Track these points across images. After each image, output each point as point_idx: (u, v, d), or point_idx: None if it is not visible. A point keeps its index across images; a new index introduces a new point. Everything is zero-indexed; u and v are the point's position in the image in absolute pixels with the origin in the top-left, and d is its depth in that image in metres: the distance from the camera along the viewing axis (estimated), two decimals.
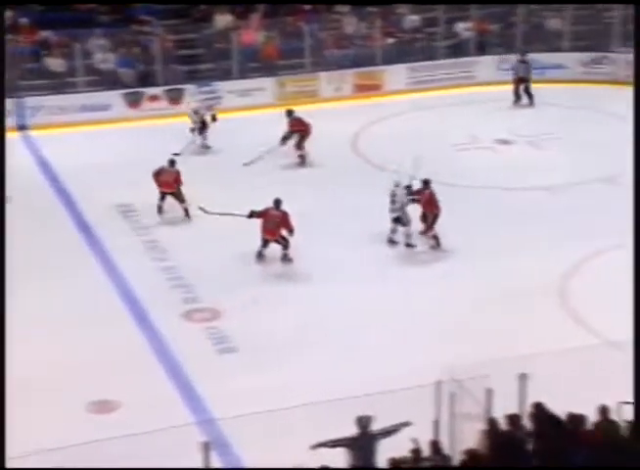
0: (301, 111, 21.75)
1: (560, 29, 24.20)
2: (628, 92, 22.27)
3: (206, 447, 8.52)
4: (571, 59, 23.78)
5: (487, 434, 9.19)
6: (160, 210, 17.04)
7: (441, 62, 23.89)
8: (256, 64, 23.42)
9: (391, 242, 15.90)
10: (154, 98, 22.28)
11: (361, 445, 9.49)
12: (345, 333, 13.51)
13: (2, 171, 12.96)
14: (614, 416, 9.42)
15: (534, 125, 20.90)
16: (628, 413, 9.31)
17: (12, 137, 19.45)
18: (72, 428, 11.00)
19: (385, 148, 20.20)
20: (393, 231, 15.86)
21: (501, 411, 9.45)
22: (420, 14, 24.46)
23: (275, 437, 9.92)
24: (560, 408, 9.49)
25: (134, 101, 22.18)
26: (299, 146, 19.37)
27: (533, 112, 21.96)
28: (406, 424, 9.50)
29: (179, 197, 16.93)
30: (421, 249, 15.85)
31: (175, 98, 22.31)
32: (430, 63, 23.77)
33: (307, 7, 24.19)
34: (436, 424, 9.66)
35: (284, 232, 15.29)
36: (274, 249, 15.58)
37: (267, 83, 22.91)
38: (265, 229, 15.28)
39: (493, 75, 23.85)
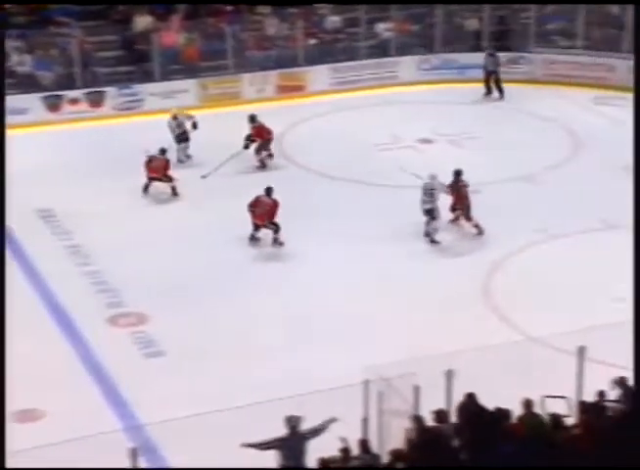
0: (225, 112, 21.75)
1: (478, 29, 24.53)
2: (545, 91, 22.84)
3: (134, 453, 8.46)
4: (490, 58, 24.09)
5: (414, 431, 9.28)
6: (145, 189, 17.85)
7: (363, 62, 24.00)
8: (178, 65, 23.26)
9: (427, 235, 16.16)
10: (74, 101, 21.96)
11: (290, 445, 9.52)
12: (272, 335, 13.53)
13: (2, 171, 12.81)
14: (537, 410, 9.59)
15: (456, 124, 21.15)
16: (551, 406, 9.48)
17: None
18: None
19: (309, 148, 20.27)
20: (429, 224, 16.17)
21: (429, 408, 9.56)
22: (341, 14, 24.58)
23: (203, 440, 9.88)
24: (485, 403, 9.64)
25: (54, 104, 21.83)
26: (259, 151, 19.21)
27: (454, 111, 22.20)
28: (333, 420, 9.55)
29: (167, 179, 17.90)
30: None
31: (96, 101, 22.03)
32: (352, 63, 23.86)
33: (229, 8, 24.10)
34: (365, 423, 9.73)
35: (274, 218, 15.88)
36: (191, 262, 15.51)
37: (190, 85, 22.77)
38: (255, 215, 15.90)
39: (415, 75, 24.07)
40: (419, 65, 24.21)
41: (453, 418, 9.57)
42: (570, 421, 9.43)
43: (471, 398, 9.60)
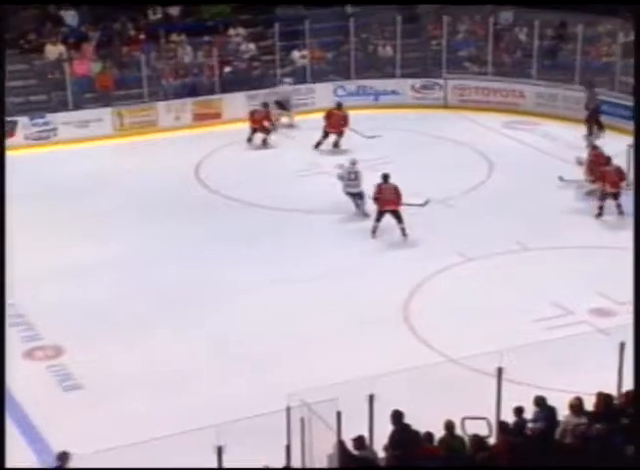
0: (141, 141, 21.59)
1: (392, 57, 24.88)
2: (458, 116, 23.23)
3: None
4: (403, 85, 24.47)
5: (337, 456, 9.27)
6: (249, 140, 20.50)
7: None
8: (92, 94, 23.04)
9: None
10: None
11: None
12: (193, 363, 13.40)
13: (2, 171, 12.46)
14: (458, 431, 9.66)
15: (372, 150, 21.33)
16: (472, 428, 9.56)
17: None
18: None
19: (226, 176, 20.23)
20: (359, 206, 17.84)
21: (351, 433, 9.56)
22: (255, 42, 24.68)
23: None
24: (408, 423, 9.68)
25: None
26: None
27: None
28: None
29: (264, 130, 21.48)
30: None
31: (8, 131, 21.65)
32: (268, 90, 23.96)
33: (142, 36, 24.01)
34: (288, 449, 9.68)
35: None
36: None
37: (104, 114, 22.56)
38: (384, 202, 17.04)
39: (330, 102, 24.23)
40: (334, 91, 24.42)
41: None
42: (490, 441, 9.51)
43: (396, 414, 9.63)
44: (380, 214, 17.28)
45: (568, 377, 11.97)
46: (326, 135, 21.47)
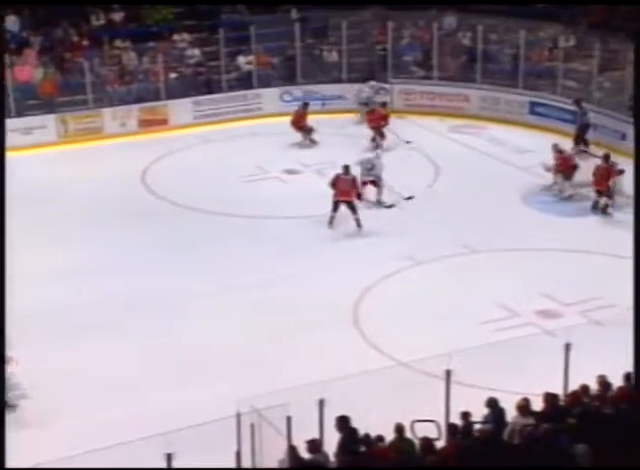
0: (86, 148, 21.40)
1: (338, 62, 24.95)
2: (404, 120, 23.35)
3: None
4: (349, 90, 24.55)
5: (288, 461, 9.27)
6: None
7: (226, 95, 24.09)
8: (35, 101, 22.77)
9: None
10: None
11: None
12: (142, 371, 13.31)
13: (2, 172, 12.23)
14: (408, 434, 9.71)
15: (319, 155, 21.40)
16: (422, 430, 9.61)
17: None
18: None
19: (174, 182, 20.13)
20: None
21: (302, 438, 9.56)
22: (200, 48, 24.61)
23: None
24: (361, 429, 9.70)
25: None
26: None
27: (318, 141, 22.44)
28: None
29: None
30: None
31: None
32: (214, 96, 23.91)
33: (85, 42, 23.81)
34: (238, 455, 9.65)
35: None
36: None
37: (48, 121, 22.32)
38: (339, 192, 17.51)
39: (278, 107, 24.28)
40: (281, 96, 24.44)
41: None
42: (439, 444, 9.57)
43: (343, 420, 9.65)
44: (335, 205, 17.57)
45: (515, 378, 12.09)
46: (381, 135, 21.94)
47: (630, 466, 7.74)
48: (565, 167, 19.12)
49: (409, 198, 18.83)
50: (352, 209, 17.62)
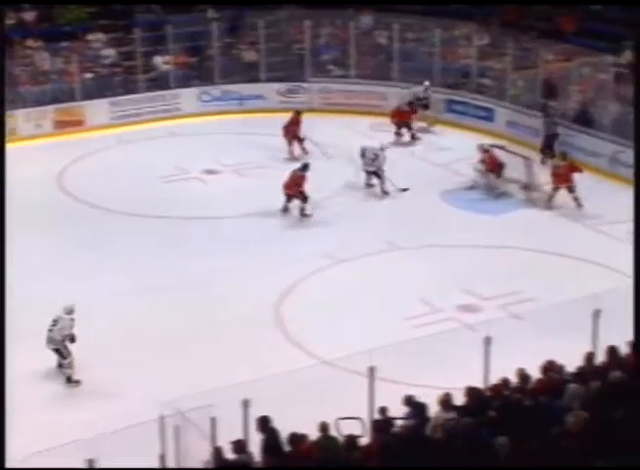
0: None
1: (256, 61, 24.90)
2: (324, 119, 23.40)
3: None
4: (268, 89, 24.54)
5: (213, 463, 9.22)
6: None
7: (143, 95, 23.86)
8: None
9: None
10: None
11: None
12: (61, 378, 13.11)
13: (2, 172, 11.79)
14: (333, 432, 9.74)
15: (239, 155, 21.33)
16: (346, 428, 9.65)
17: None
18: None
19: (91, 184, 19.86)
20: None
21: (228, 439, 9.51)
22: (116, 48, 24.32)
23: None
24: (284, 429, 9.70)
25: None
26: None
27: (237, 141, 22.36)
28: None
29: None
30: None
31: None
32: (131, 96, 23.65)
33: None
34: (162, 459, 9.57)
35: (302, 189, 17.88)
36: None
37: None
38: (284, 185, 17.93)
39: (196, 107, 24.14)
40: (199, 96, 24.30)
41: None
42: (364, 441, 9.62)
43: (263, 421, 9.64)
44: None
45: (438, 373, 12.24)
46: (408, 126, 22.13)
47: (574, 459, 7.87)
48: (493, 166, 19.35)
49: (404, 190, 19.11)
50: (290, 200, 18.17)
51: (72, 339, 13.07)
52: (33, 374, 13.14)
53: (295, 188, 18.12)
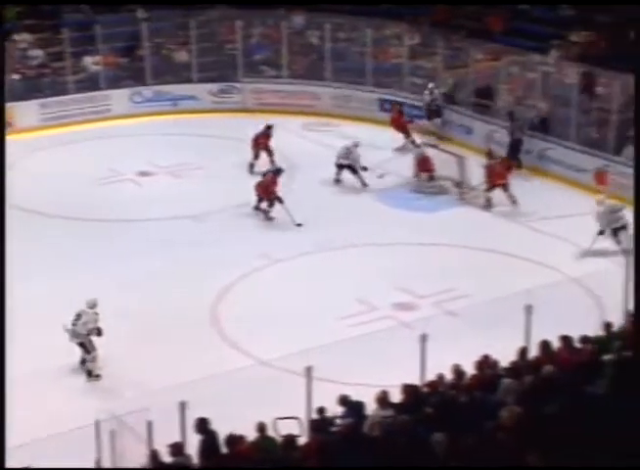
0: None
1: (187, 61, 24.75)
2: (257, 120, 23.35)
3: None
4: (201, 90, 24.41)
5: (150, 466, 9.16)
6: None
7: (73, 97, 23.54)
8: None
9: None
10: None
11: None
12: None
13: (2, 172, 11.44)
14: (270, 432, 9.74)
15: (173, 156, 21.19)
16: (284, 428, 9.65)
17: None
18: None
19: (22, 187, 19.50)
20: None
21: (166, 442, 9.45)
22: (44, 48, 23.95)
23: None
24: (223, 430, 9.66)
25: None
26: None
27: (170, 142, 22.20)
28: None
29: None
30: None
31: None
32: (61, 98, 23.33)
33: None
34: (98, 463, 9.48)
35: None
36: None
37: None
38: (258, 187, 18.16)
39: (128, 108, 23.92)
40: (131, 97, 24.08)
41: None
42: (302, 440, 9.64)
43: (202, 423, 9.60)
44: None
45: (375, 371, 12.30)
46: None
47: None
48: (425, 167, 19.44)
49: (381, 176, 19.59)
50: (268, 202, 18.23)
51: (99, 332, 13.17)
52: None
53: (266, 191, 18.07)
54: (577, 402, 8.75)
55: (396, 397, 10.19)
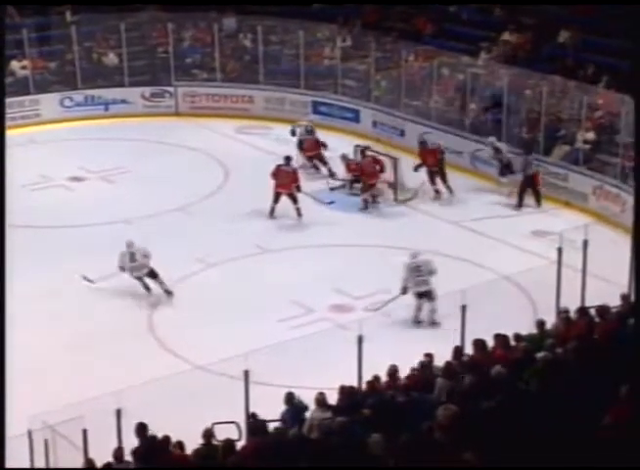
0: None
1: (118, 65, 24.50)
2: (190, 123, 23.25)
3: None
4: (132, 93, 24.18)
5: None
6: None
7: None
8: None
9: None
10: None
11: None
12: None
13: (2, 173, 10.99)
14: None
15: (105, 161, 20.96)
16: (223, 434, 9.61)
17: None
18: None
19: None
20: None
21: (102, 450, 9.36)
22: None
23: None
24: (160, 436, 9.59)
25: None
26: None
27: (102, 147, 21.96)
28: None
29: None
30: None
31: None
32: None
33: None
34: None
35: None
36: None
37: None
38: (278, 184, 17.85)
39: (58, 113, 23.60)
40: (61, 102, 23.76)
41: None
42: (240, 445, 9.61)
43: (142, 428, 9.52)
44: (275, 196, 18.07)
45: (313, 373, 12.33)
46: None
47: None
48: (362, 173, 19.30)
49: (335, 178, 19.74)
50: (293, 199, 18.01)
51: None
52: None
53: (291, 185, 18.07)
54: (512, 400, 8.86)
55: (334, 398, 10.22)
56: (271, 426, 9.88)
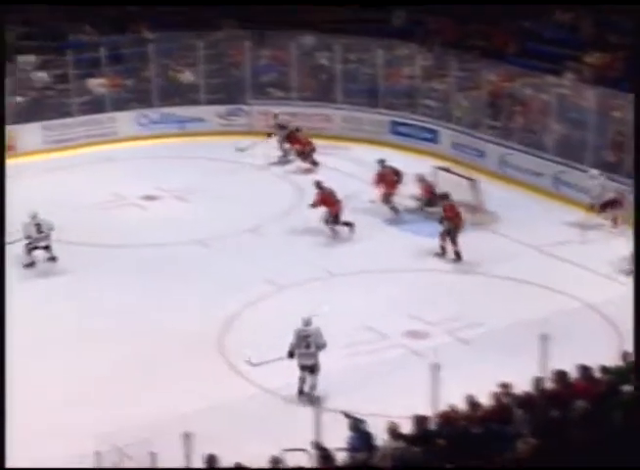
0: None
1: (194, 83, 24.53)
2: (265, 142, 23.10)
3: None
4: (208, 112, 24.18)
5: None
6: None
7: (78, 119, 23.31)
8: None
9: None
10: None
11: None
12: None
13: (2, 174, 11.39)
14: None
15: (179, 180, 20.93)
16: (292, 461, 9.34)
17: None
18: None
19: (26, 212, 19.24)
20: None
21: None
22: (48, 70, 23.74)
23: None
24: (228, 461, 9.33)
25: None
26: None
27: (176, 165, 21.95)
28: None
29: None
30: None
31: None
32: (65, 120, 23.08)
33: None
34: None
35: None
36: None
37: None
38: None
39: (133, 131, 23.71)
40: (137, 120, 23.87)
41: None
42: None
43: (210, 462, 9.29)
44: (385, 197, 18.97)
45: (386, 401, 11.97)
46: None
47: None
48: (427, 194, 18.90)
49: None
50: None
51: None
52: None
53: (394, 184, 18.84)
54: (594, 434, 8.49)
55: (408, 428, 9.86)
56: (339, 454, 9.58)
